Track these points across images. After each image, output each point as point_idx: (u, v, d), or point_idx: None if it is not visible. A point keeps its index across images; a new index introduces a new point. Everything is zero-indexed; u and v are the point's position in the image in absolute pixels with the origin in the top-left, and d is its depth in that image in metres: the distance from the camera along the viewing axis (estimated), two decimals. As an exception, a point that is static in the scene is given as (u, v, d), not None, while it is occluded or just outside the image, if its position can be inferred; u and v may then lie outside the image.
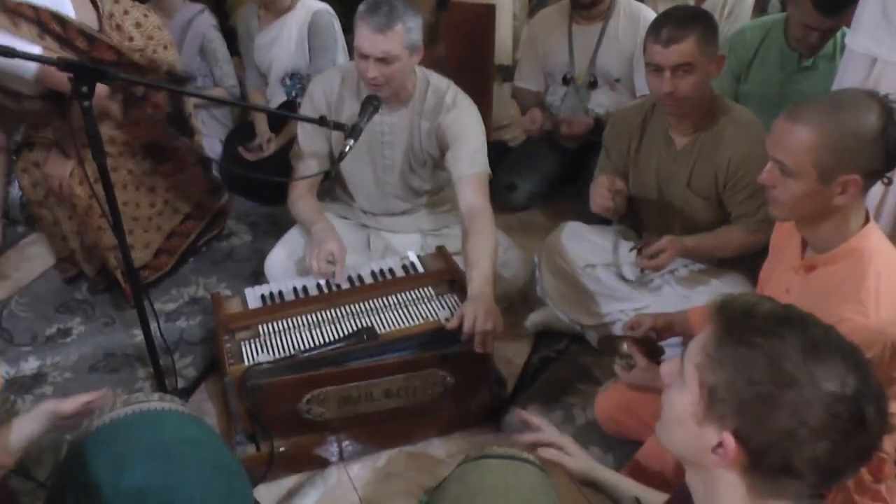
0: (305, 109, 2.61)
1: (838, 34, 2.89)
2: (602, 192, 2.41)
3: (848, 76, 2.23)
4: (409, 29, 2.34)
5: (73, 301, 2.95)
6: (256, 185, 3.32)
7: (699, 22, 2.20)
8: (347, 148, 2.31)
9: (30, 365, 2.64)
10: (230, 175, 3.49)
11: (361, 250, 2.72)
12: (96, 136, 1.95)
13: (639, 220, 2.65)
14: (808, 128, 1.56)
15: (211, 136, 3.55)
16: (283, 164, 2.76)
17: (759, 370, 1.03)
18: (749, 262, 2.44)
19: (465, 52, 3.61)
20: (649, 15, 3.19)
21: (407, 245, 2.74)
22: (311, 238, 2.52)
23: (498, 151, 3.58)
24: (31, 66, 2.31)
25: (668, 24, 2.19)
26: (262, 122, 3.51)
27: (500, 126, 3.81)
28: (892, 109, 1.54)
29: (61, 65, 1.85)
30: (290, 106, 3.46)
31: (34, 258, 3.20)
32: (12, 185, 3.33)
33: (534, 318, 2.69)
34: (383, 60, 2.32)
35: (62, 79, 1.99)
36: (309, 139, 2.62)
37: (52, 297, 2.98)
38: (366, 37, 2.30)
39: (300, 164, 2.64)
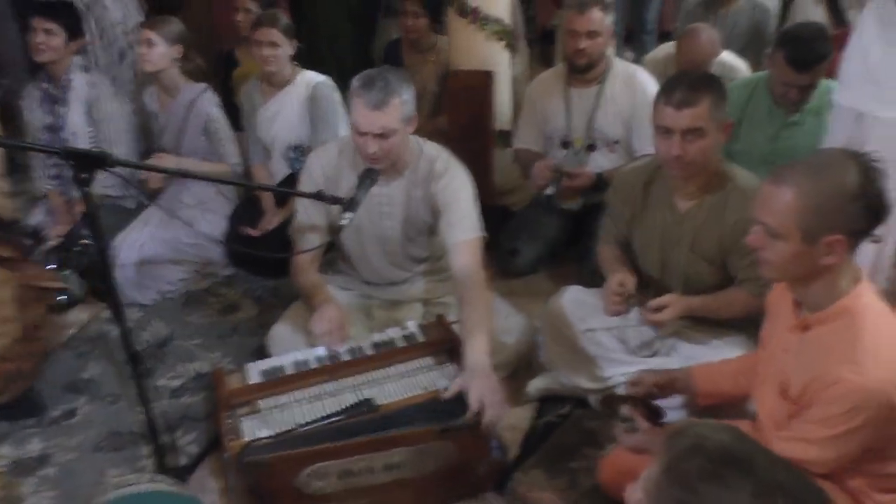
0: (304, 183, 2.64)
1: (824, 88, 2.91)
2: (614, 298, 2.39)
3: (837, 131, 2.25)
4: (405, 102, 2.38)
5: (79, 381, 2.97)
6: (261, 259, 3.35)
7: (711, 87, 2.22)
8: (345, 221, 2.33)
9: (34, 446, 2.64)
10: (234, 251, 3.54)
11: (363, 322, 2.73)
12: (96, 220, 1.99)
13: (641, 281, 2.64)
14: (790, 189, 1.57)
15: (217, 213, 3.60)
16: (287, 237, 2.80)
17: None
18: (750, 321, 2.43)
19: (465, 120, 3.66)
20: (644, 78, 3.25)
21: (409, 314, 2.74)
22: (314, 309, 2.53)
23: (500, 216, 3.61)
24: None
25: (681, 87, 2.20)
26: (269, 198, 3.56)
27: (503, 191, 3.84)
28: (869, 168, 1.55)
29: (62, 153, 1.91)
30: (294, 179, 3.51)
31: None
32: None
33: (536, 384, 2.67)
34: (381, 135, 2.36)
35: None
36: (308, 213, 2.65)
37: (59, 378, 2.98)
38: (363, 114, 2.34)
39: (300, 238, 2.67)
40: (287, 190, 2.70)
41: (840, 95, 2.26)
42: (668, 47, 3.88)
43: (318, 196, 2.37)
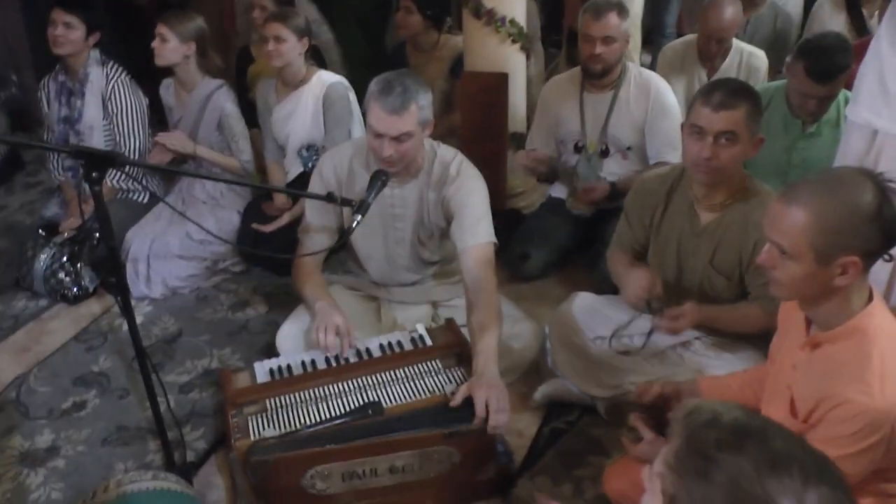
0: (314, 184, 2.65)
1: (842, 100, 2.89)
2: (642, 284, 2.38)
3: (850, 147, 2.23)
4: (422, 107, 2.38)
5: (89, 374, 2.99)
6: (270, 257, 3.35)
7: (751, 97, 2.22)
8: (355, 223, 2.33)
9: (44, 438, 2.66)
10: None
11: (371, 322, 2.73)
12: (106, 220, 2.00)
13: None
14: (803, 210, 1.55)
15: (229, 208, 3.61)
16: (297, 235, 2.80)
17: (716, 487, 1.02)
18: (765, 338, 2.42)
19: (479, 122, 3.65)
20: (660, 83, 3.23)
21: (417, 317, 2.75)
22: (314, 314, 2.53)
23: (512, 219, 3.61)
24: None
25: (721, 90, 2.20)
26: (281, 195, 3.57)
27: (515, 194, 3.83)
28: (885, 188, 1.53)
29: (73, 152, 1.91)
30: (307, 177, 3.51)
31: (56, 332, 3.25)
32: (36, 260, 3.40)
33: (544, 390, 2.66)
34: (397, 139, 2.36)
35: None
36: (318, 214, 2.65)
37: (70, 370, 3.01)
38: (380, 118, 2.34)
39: (308, 239, 2.67)
40: (298, 192, 2.70)
41: (853, 111, 2.23)
42: (687, 37, 3.87)
43: (329, 198, 2.36)
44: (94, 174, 1.92)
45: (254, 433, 2.15)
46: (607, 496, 2.21)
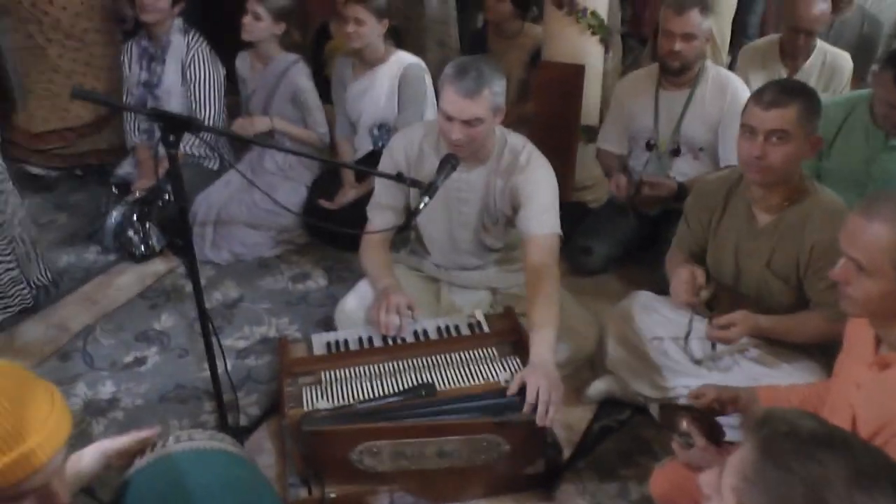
0: (385, 163, 2.67)
1: None
2: (687, 287, 2.33)
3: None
4: (496, 93, 2.38)
5: (151, 331, 3.07)
6: (335, 232, 3.39)
7: (805, 95, 2.18)
8: (422, 205, 2.34)
9: (106, 389, 2.75)
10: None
11: (430, 304, 2.74)
12: (179, 181, 2.05)
13: (715, 293, 2.59)
14: (886, 226, 1.50)
15: (297, 181, 3.66)
16: (362, 211, 2.83)
17: (797, 499, 0.99)
18: (824, 349, 2.37)
19: (552, 111, 3.63)
20: (738, 84, 3.16)
21: (476, 302, 2.76)
22: (377, 293, 2.56)
23: (578, 212, 3.58)
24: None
25: (773, 89, 2.18)
26: (348, 172, 3.60)
27: (583, 187, 3.80)
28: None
29: (151, 115, 1.96)
30: (377, 156, 3.53)
31: (122, 287, 3.34)
32: (109, 216, 3.50)
33: (598, 386, 2.65)
34: (468, 123, 2.36)
35: None
36: (387, 192, 2.68)
37: (133, 325, 3.10)
38: (453, 101, 2.34)
39: (376, 216, 2.70)
40: (369, 170, 2.72)
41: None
42: (770, 37, 3.78)
43: (399, 178, 2.38)
44: (171, 137, 1.97)
45: (307, 403, 2.19)
46: (652, 498, 2.20)
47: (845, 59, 3.54)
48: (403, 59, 3.47)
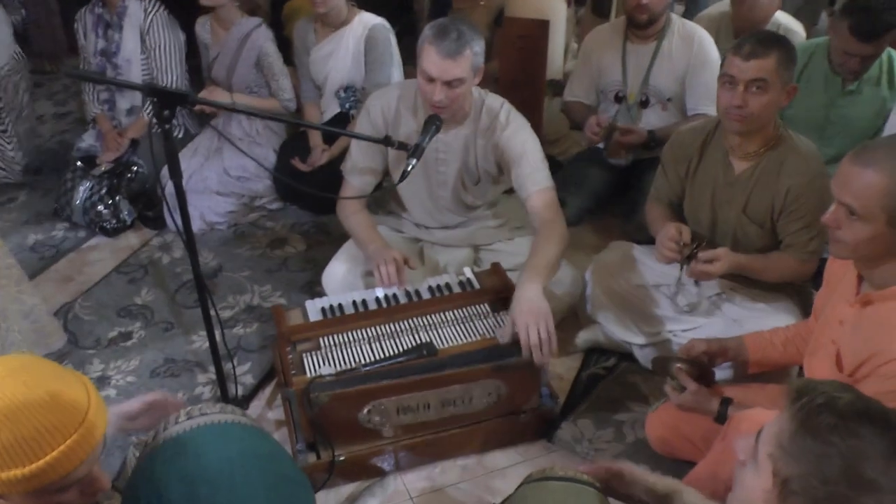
0: (362, 125, 2.67)
1: (885, 58, 2.90)
2: (669, 244, 2.37)
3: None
4: (476, 53, 2.39)
5: (133, 306, 3.04)
6: (309, 194, 3.38)
7: (782, 45, 2.25)
8: (410, 167, 2.36)
9: (94, 367, 2.74)
10: (283, 185, 3.57)
11: (417, 264, 2.77)
12: (174, 156, 2.03)
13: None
14: (878, 172, 1.58)
15: (265, 146, 3.63)
16: (335, 174, 2.82)
17: (834, 471, 1.02)
18: (798, 289, 2.50)
19: (517, 68, 3.64)
20: (703, 36, 3.22)
21: (459, 259, 2.80)
22: (369, 255, 2.59)
23: (549, 167, 3.61)
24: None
25: (752, 41, 2.24)
26: (317, 135, 3.57)
27: (550, 140, 3.85)
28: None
29: (145, 90, 1.93)
30: (344, 118, 3.53)
31: (96, 262, 3.31)
32: (76, 192, 3.44)
33: (583, 336, 2.73)
34: (449, 84, 2.38)
35: None
36: (365, 155, 2.68)
37: (113, 301, 3.07)
38: (434, 62, 2.35)
39: (355, 179, 2.70)
40: (349, 132, 2.70)
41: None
42: (723, 5, 3.83)
43: (386, 141, 2.39)
44: (165, 112, 1.95)
45: (309, 370, 2.21)
46: (648, 441, 2.30)
47: (796, 31, 3.61)
48: (368, 20, 3.44)
